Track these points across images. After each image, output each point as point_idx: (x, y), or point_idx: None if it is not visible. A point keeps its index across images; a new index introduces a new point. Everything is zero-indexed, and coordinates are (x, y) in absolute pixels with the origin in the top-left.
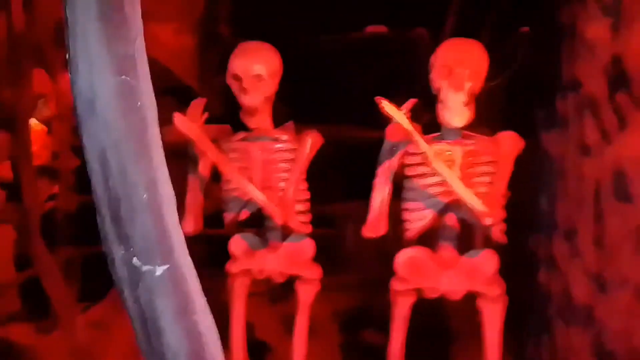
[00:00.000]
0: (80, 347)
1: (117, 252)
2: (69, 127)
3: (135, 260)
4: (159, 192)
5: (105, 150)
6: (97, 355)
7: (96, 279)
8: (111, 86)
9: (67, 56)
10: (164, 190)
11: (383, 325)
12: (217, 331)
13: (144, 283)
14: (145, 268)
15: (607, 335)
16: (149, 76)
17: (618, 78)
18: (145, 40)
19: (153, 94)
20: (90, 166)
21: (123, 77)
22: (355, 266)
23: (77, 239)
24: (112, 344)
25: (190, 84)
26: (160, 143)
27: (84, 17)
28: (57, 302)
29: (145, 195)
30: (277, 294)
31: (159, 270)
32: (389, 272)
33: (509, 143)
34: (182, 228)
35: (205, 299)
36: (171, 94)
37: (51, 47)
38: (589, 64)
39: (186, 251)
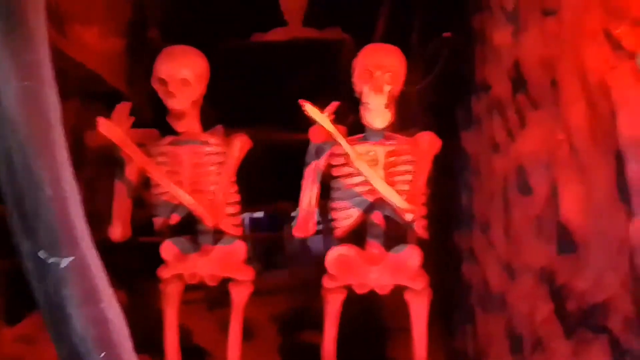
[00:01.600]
0: None
1: (24, 245)
2: None
3: (41, 252)
4: (63, 188)
5: (11, 150)
6: None
7: (23, 292)
8: (15, 90)
9: None
10: (67, 186)
11: (320, 324)
12: (124, 319)
13: (51, 274)
14: (51, 260)
15: (516, 319)
16: (53, 81)
17: (518, 80)
18: (72, 44)
19: (57, 98)
20: None
21: (27, 82)
22: (291, 267)
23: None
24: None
25: (118, 88)
26: (64, 143)
27: None
28: None
29: (49, 191)
30: (214, 300)
31: (65, 262)
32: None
33: (427, 143)
34: (110, 234)
35: (111, 289)
36: (99, 99)
37: None
38: (496, 68)
39: (91, 243)
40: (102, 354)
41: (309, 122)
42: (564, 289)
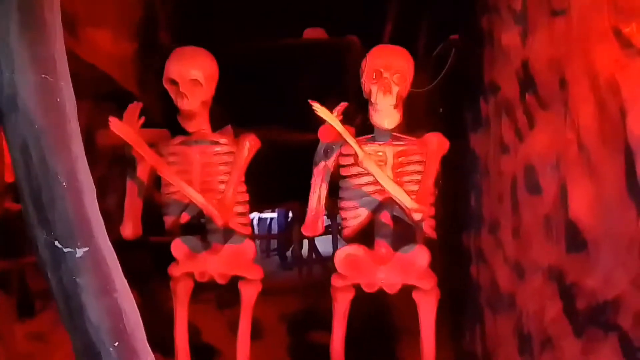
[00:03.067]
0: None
1: (40, 236)
2: None
3: (57, 243)
4: (78, 180)
5: (27, 143)
6: None
7: (34, 290)
8: (32, 84)
9: None
10: (83, 179)
11: (328, 324)
12: (138, 310)
13: (66, 264)
14: (66, 250)
15: (525, 317)
16: (68, 75)
17: (527, 81)
18: (84, 46)
19: (72, 92)
20: (13, 157)
21: (43, 76)
22: (300, 268)
23: (13, 250)
24: (52, 356)
25: (130, 90)
26: (79, 137)
27: (5, 21)
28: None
29: (64, 183)
30: (224, 300)
31: (80, 252)
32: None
33: (436, 143)
34: (121, 232)
35: (125, 280)
36: (110, 99)
37: None
38: (505, 69)
39: (106, 235)
40: (116, 343)
41: (318, 122)
42: (574, 288)
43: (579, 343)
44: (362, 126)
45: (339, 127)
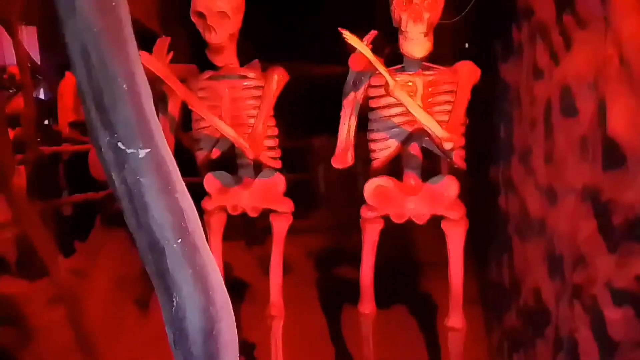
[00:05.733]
0: (63, 293)
1: (103, 138)
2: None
3: (120, 144)
4: (137, 83)
5: (86, 46)
6: (78, 301)
7: (74, 230)
8: None
9: None
10: (140, 81)
11: (355, 261)
12: (196, 210)
13: (129, 164)
14: (129, 151)
15: (556, 240)
16: None
17: (564, 1)
18: None
19: None
20: (74, 62)
21: None
22: (328, 205)
23: (52, 192)
24: (90, 290)
25: (153, 29)
26: (134, 41)
27: None
28: (41, 252)
29: (124, 86)
30: (253, 238)
31: (142, 153)
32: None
33: (467, 72)
34: None
35: (182, 182)
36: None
37: None
38: None
39: (164, 138)
40: (179, 240)
41: (347, 53)
42: (610, 204)
43: (613, 258)
44: (392, 56)
45: (370, 55)
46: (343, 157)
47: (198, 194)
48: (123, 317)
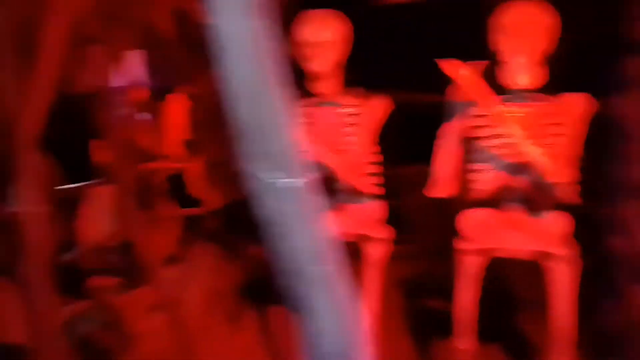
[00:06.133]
0: (163, 300)
1: (253, 166)
2: None
3: (269, 173)
4: (289, 115)
5: (244, 78)
6: (176, 308)
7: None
8: (248, 26)
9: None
10: (292, 114)
11: (446, 292)
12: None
13: (277, 192)
14: (278, 179)
15: None
16: (274, 19)
17: None
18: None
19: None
20: (229, 93)
21: (256, 18)
22: (420, 232)
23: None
24: (189, 299)
25: None
26: (287, 74)
27: None
28: (145, 260)
29: (278, 118)
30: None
31: (290, 182)
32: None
33: (580, 105)
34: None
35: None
36: None
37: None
38: None
39: (311, 171)
40: (321, 267)
41: (449, 82)
42: None
43: None
44: (497, 85)
45: (473, 86)
46: (441, 186)
47: None
48: (215, 330)
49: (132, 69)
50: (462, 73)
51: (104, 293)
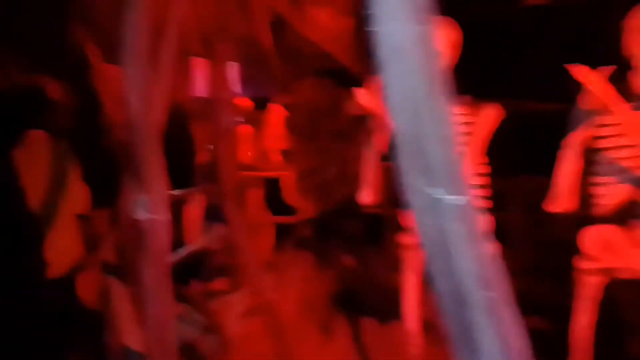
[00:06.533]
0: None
1: (416, 182)
2: None
3: (433, 189)
4: (451, 129)
5: (409, 92)
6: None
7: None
8: (414, 33)
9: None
10: (455, 129)
11: (549, 311)
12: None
13: (441, 210)
14: (442, 197)
15: None
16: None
17: None
18: (307, 24)
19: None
20: (392, 106)
21: (422, 24)
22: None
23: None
24: (283, 305)
25: (348, 66)
26: (448, 85)
27: None
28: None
29: (443, 132)
30: None
31: (454, 200)
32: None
33: None
34: (359, 198)
35: (488, 232)
36: (331, 76)
37: None
38: None
39: (475, 186)
40: (484, 292)
41: (575, 89)
42: None
43: None
44: (626, 92)
45: (603, 94)
46: (562, 200)
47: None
48: (308, 338)
49: (234, 80)
50: (593, 79)
51: (204, 297)
